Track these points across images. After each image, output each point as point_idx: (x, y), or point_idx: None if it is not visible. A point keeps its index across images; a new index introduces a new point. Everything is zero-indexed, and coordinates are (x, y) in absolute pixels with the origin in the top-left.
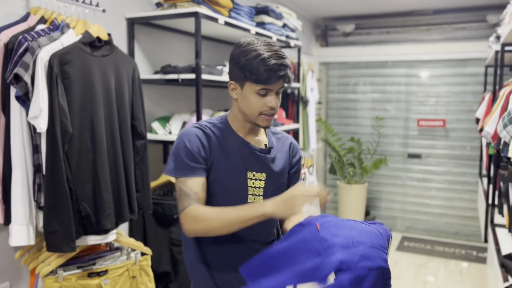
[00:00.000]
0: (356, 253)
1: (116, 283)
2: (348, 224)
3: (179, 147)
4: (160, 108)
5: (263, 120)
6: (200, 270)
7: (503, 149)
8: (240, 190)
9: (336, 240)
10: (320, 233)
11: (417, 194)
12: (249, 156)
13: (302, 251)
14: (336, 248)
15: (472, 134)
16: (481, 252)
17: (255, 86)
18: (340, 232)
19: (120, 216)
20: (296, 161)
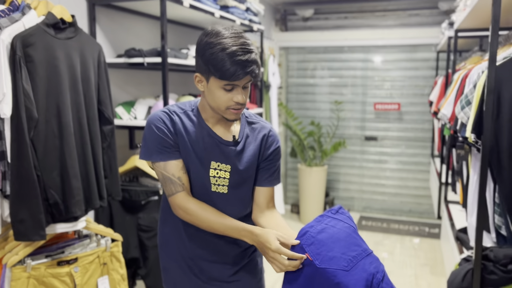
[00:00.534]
0: (364, 272)
1: (87, 270)
2: (329, 235)
3: (149, 132)
4: (123, 93)
5: (231, 114)
6: (173, 245)
7: (460, 129)
8: (202, 180)
9: (336, 265)
10: (316, 263)
11: (374, 175)
12: (213, 147)
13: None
14: (342, 277)
15: (424, 116)
16: (432, 228)
17: (220, 81)
18: (331, 252)
19: (89, 202)
20: (270, 152)
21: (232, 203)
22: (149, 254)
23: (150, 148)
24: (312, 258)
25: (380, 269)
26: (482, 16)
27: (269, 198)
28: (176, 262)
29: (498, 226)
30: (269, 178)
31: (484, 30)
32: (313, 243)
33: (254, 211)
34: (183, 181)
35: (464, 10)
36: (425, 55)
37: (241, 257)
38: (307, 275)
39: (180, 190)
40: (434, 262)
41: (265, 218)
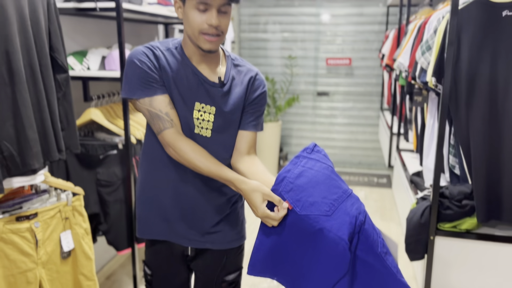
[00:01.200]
0: (347, 215)
1: (48, 225)
2: (307, 179)
3: (131, 68)
4: (72, 43)
5: (205, 42)
6: (152, 192)
7: (419, 74)
8: (186, 120)
9: (317, 211)
10: (297, 210)
11: (325, 130)
12: (198, 86)
13: (299, 243)
14: (324, 222)
15: (374, 71)
16: (380, 178)
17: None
18: (311, 197)
19: (47, 155)
20: (255, 96)
21: (214, 149)
22: (110, 210)
23: (133, 84)
24: (292, 206)
25: (361, 210)
26: None
27: (250, 143)
28: (155, 210)
29: (452, 166)
30: (252, 122)
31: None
32: (292, 189)
33: (234, 156)
34: (171, 116)
35: None
36: (374, 10)
37: (224, 206)
38: (287, 224)
39: (169, 127)
40: (383, 209)
41: (245, 164)
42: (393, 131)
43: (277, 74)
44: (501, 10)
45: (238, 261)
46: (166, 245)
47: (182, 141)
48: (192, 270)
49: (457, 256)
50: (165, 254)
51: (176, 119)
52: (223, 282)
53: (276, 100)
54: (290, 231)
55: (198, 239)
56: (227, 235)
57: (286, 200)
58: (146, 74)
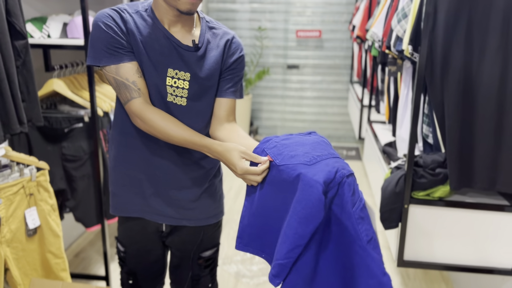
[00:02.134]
0: (327, 166)
1: (11, 202)
2: (294, 140)
3: (97, 32)
4: (29, 8)
5: (186, 2)
6: (127, 166)
7: (395, 43)
8: (157, 88)
9: (297, 161)
10: (276, 162)
11: (295, 103)
12: (171, 51)
13: (279, 202)
14: (301, 169)
15: (343, 44)
16: (349, 151)
17: None
18: (293, 151)
19: (7, 127)
20: (233, 61)
21: (190, 117)
22: (77, 185)
23: (98, 50)
24: (272, 159)
25: (347, 169)
26: None
27: (229, 110)
28: (128, 186)
29: (425, 135)
30: (231, 89)
31: None
32: (275, 147)
33: (213, 124)
34: (139, 85)
35: None
36: None
37: (202, 180)
38: (267, 182)
39: (136, 96)
40: None
41: (225, 131)
42: (364, 104)
43: (246, 47)
44: None
45: (216, 237)
46: (140, 222)
47: (151, 110)
48: (168, 247)
49: (430, 224)
50: (139, 231)
51: (144, 88)
52: (200, 259)
53: (246, 73)
54: (271, 190)
55: (173, 215)
56: (204, 211)
57: (268, 155)
58: (112, 39)
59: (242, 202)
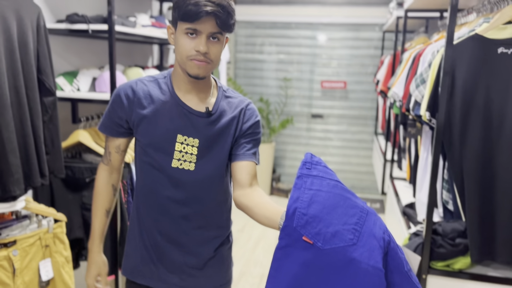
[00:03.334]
0: (374, 238)
1: (27, 253)
2: (321, 203)
3: (109, 103)
4: (63, 62)
5: (193, 66)
6: (137, 234)
7: (413, 107)
8: (166, 152)
9: (342, 241)
10: (319, 245)
11: (319, 152)
12: (182, 117)
13: (327, 282)
14: (352, 252)
15: (369, 95)
16: (374, 203)
17: (183, 24)
18: (331, 226)
19: (29, 180)
20: (248, 126)
21: (199, 183)
22: None
23: (104, 119)
24: (312, 241)
25: (384, 228)
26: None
27: (251, 174)
28: (139, 249)
29: (445, 202)
30: (249, 151)
31: (432, 11)
32: (307, 222)
33: (235, 190)
34: (112, 158)
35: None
36: (370, 34)
37: (207, 248)
38: (308, 263)
39: (105, 163)
40: None
41: (248, 197)
42: (387, 158)
43: (272, 95)
44: (496, 46)
45: None
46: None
47: (101, 178)
48: None
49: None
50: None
51: (116, 163)
52: None
53: (270, 121)
54: (312, 270)
55: (177, 283)
56: (210, 280)
57: (304, 235)
58: (112, 112)
59: (261, 253)
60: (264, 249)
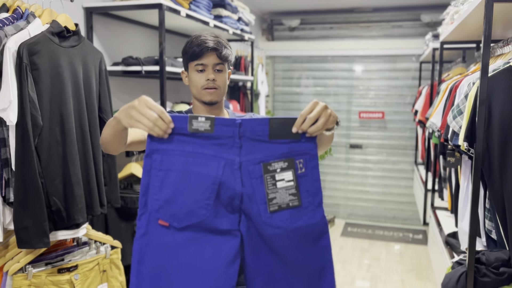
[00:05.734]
0: (223, 207)
1: (87, 278)
2: (173, 186)
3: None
4: (117, 101)
5: (206, 94)
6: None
7: (451, 137)
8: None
9: (196, 218)
10: (175, 225)
11: (358, 182)
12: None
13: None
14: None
15: (407, 125)
16: (416, 234)
17: (192, 64)
18: (185, 206)
19: (90, 209)
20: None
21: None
22: None
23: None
24: (168, 223)
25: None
26: (468, 29)
27: None
28: None
29: (488, 231)
30: None
31: (468, 42)
32: (161, 207)
33: None
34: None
35: (452, 24)
36: (407, 65)
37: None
38: (163, 244)
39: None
40: (419, 267)
41: None
42: (428, 188)
43: None
44: None
45: None
46: None
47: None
48: None
49: None
50: None
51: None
52: None
53: None
54: (173, 251)
55: None
56: None
57: (160, 219)
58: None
59: None
60: None
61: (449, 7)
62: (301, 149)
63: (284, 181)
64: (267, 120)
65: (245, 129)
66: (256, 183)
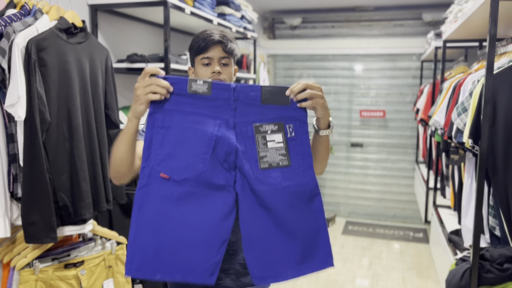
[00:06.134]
0: (220, 164)
1: (93, 273)
2: (173, 141)
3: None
4: (122, 98)
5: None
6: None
7: (455, 135)
8: None
9: (194, 170)
10: (175, 178)
11: (359, 181)
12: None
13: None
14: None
15: (408, 124)
16: (417, 232)
17: (198, 57)
18: (184, 160)
19: (97, 205)
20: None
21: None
22: None
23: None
24: (168, 176)
25: (232, 144)
26: (471, 28)
27: None
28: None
29: (492, 228)
30: None
31: (470, 41)
32: (162, 160)
33: None
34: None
35: (455, 22)
36: (408, 64)
37: None
38: (163, 195)
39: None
40: (420, 265)
41: None
42: (429, 186)
43: (310, 125)
44: None
45: None
46: None
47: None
48: None
49: None
50: None
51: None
52: None
53: None
54: (172, 202)
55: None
56: None
57: (161, 172)
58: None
59: None
60: None
61: (452, 6)
62: (291, 115)
63: (275, 142)
64: (259, 87)
65: (239, 93)
66: (249, 143)
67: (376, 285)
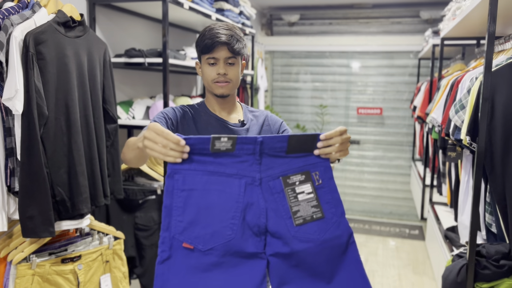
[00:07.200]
0: (249, 229)
1: (90, 268)
2: (196, 207)
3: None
4: (119, 93)
5: (217, 87)
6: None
7: (453, 132)
8: None
9: (221, 239)
10: (201, 248)
11: (355, 178)
12: (222, 129)
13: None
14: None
15: (405, 121)
16: (412, 229)
17: (204, 56)
18: (209, 227)
19: (94, 200)
20: (279, 126)
21: None
22: (146, 253)
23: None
24: (192, 246)
25: (260, 210)
26: (469, 26)
27: None
28: None
29: (488, 224)
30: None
31: (468, 39)
32: (185, 229)
33: None
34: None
35: (454, 20)
36: (405, 61)
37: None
38: (188, 268)
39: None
40: (416, 262)
41: None
42: (426, 183)
43: (307, 122)
44: None
45: None
46: None
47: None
48: None
49: None
50: None
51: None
52: None
53: None
54: (198, 274)
55: None
56: None
57: (184, 242)
58: (163, 116)
59: None
60: None
61: (451, 3)
62: (315, 162)
63: (305, 194)
64: (286, 137)
65: (265, 146)
66: (279, 198)
67: (372, 282)
